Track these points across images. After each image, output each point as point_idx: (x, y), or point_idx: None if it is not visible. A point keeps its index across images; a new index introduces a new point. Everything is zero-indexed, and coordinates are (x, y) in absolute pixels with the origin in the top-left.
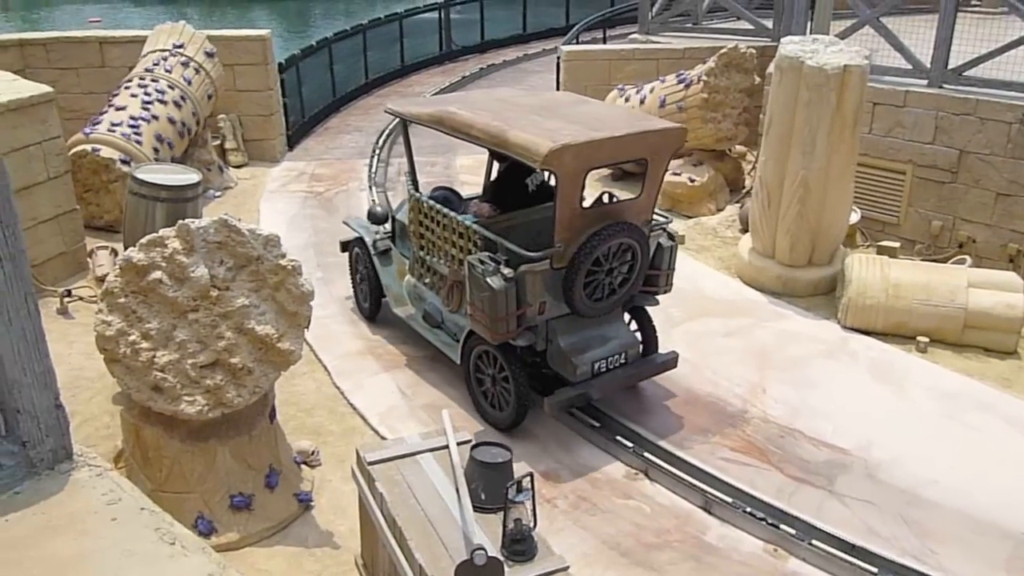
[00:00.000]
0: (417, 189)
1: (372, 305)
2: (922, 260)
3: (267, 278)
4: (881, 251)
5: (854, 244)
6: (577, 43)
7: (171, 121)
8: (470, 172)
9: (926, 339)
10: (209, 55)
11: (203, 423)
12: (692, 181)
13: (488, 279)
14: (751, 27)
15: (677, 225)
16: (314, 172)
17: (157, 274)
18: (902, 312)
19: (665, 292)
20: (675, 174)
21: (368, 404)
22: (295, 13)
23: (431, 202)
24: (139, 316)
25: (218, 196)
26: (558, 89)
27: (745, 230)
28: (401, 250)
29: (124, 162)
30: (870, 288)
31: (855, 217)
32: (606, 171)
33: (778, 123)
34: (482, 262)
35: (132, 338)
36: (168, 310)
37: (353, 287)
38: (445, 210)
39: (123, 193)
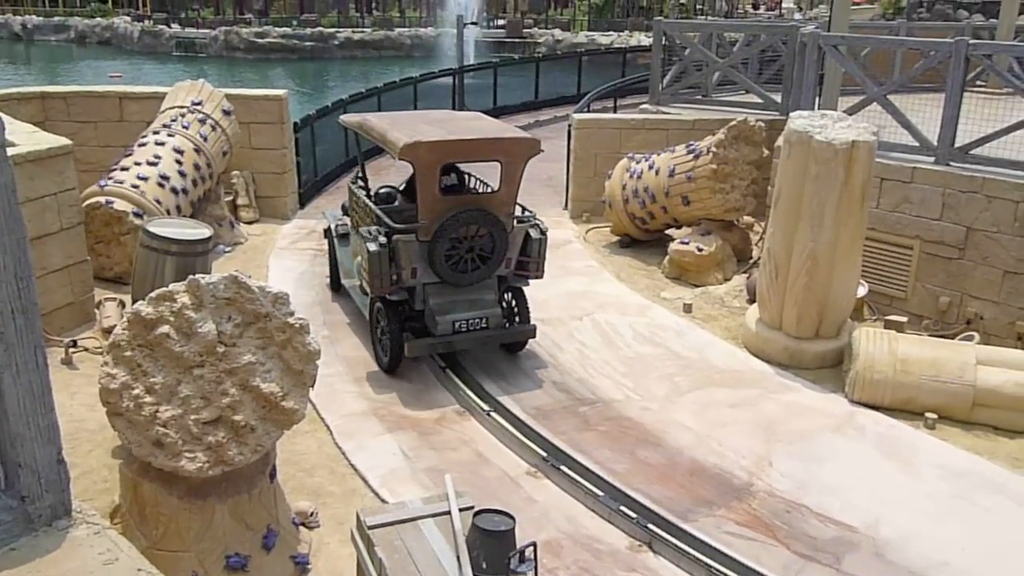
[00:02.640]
0: (354, 182)
1: (334, 280)
2: (930, 336)
3: (274, 336)
4: (888, 325)
5: (861, 318)
6: (588, 111)
7: (184, 176)
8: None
9: (934, 415)
10: (226, 113)
11: (203, 481)
12: (700, 250)
13: (368, 244)
14: (760, 101)
15: (684, 294)
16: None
17: (164, 328)
18: (910, 387)
19: (537, 277)
20: (683, 243)
21: (369, 465)
22: (312, 74)
23: (355, 189)
24: (144, 370)
25: (228, 251)
26: (569, 156)
27: (752, 301)
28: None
29: (137, 215)
30: (878, 362)
31: (862, 291)
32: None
33: (786, 195)
34: (369, 232)
35: (136, 392)
36: (174, 365)
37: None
38: (361, 194)
39: (134, 246)
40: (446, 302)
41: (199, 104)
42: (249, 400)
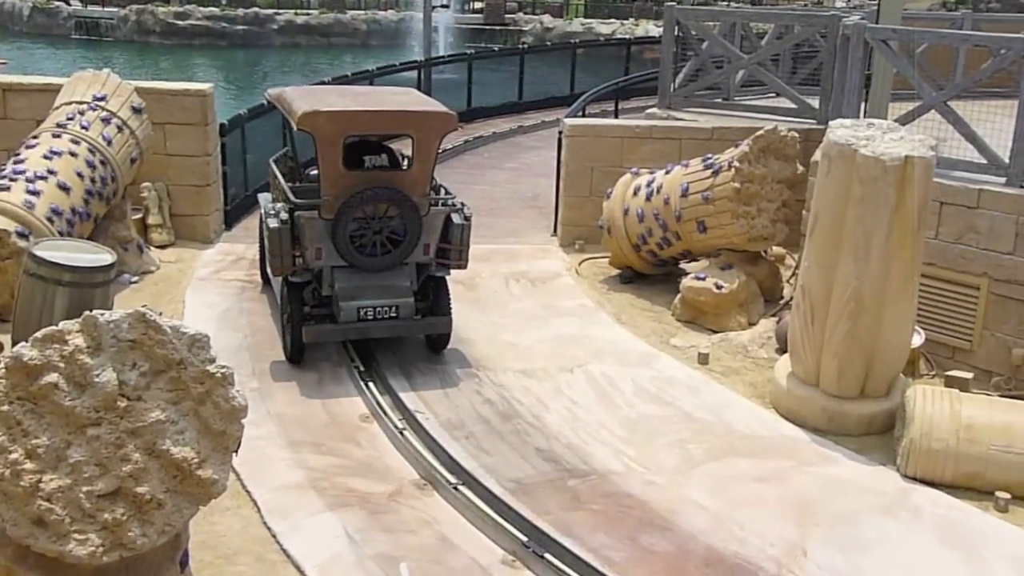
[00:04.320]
0: (278, 160)
1: (263, 270)
2: (1001, 396)
3: (190, 388)
4: (950, 383)
5: (917, 373)
6: (583, 116)
7: (83, 189)
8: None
9: (1007, 495)
10: (136, 111)
11: (96, 569)
12: (719, 288)
13: (268, 220)
14: (793, 106)
15: (699, 341)
16: (256, 257)
17: (52, 377)
18: (976, 460)
19: (459, 267)
20: (698, 278)
21: (306, 551)
22: (244, 65)
23: (273, 164)
24: (24, 429)
25: (135, 282)
26: (558, 170)
27: (783, 350)
28: None
29: (21, 235)
30: (937, 428)
31: (918, 340)
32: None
33: (825, 222)
34: (272, 208)
35: (13, 456)
36: (63, 423)
37: None
38: (275, 170)
39: (17, 273)
40: (353, 287)
41: (102, 99)
42: (156, 468)
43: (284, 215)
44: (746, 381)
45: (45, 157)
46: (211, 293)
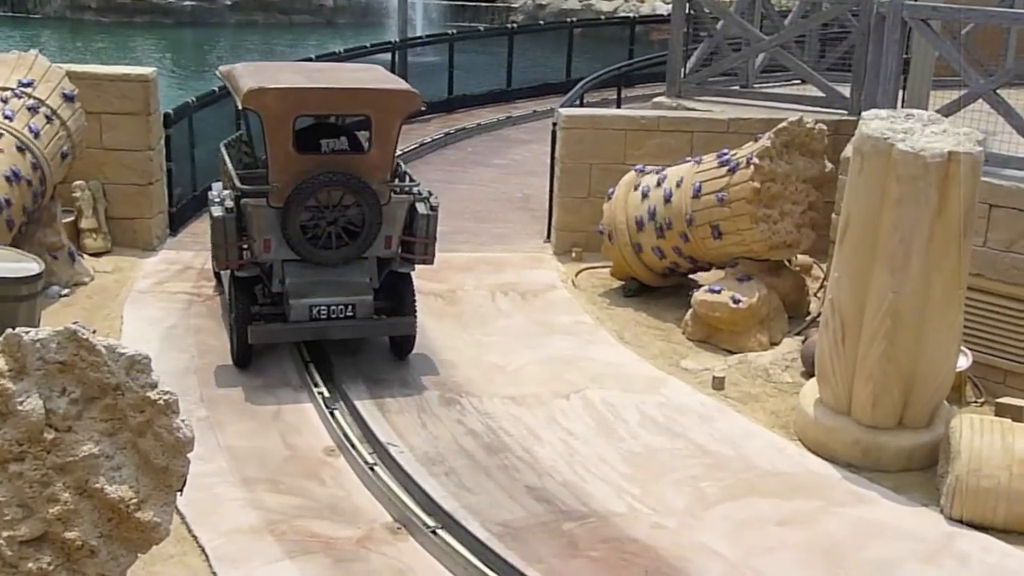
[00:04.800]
0: (230, 144)
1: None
2: None
3: (128, 417)
4: (1001, 411)
5: (963, 400)
6: (581, 105)
7: (8, 186)
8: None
9: None
10: (68, 98)
11: None
12: (736, 302)
13: (212, 208)
14: (821, 95)
15: (714, 363)
16: (205, 266)
17: None
18: None
19: (424, 262)
20: (712, 291)
21: None
22: (193, 46)
23: (222, 149)
24: None
25: (65, 295)
26: (552, 167)
27: (810, 374)
28: None
29: None
30: (987, 464)
31: (964, 362)
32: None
33: (857, 227)
34: (217, 195)
35: None
36: None
37: None
38: (224, 155)
39: None
40: (306, 283)
41: (29, 85)
42: (89, 509)
43: (229, 203)
44: (767, 409)
45: None
46: (153, 308)
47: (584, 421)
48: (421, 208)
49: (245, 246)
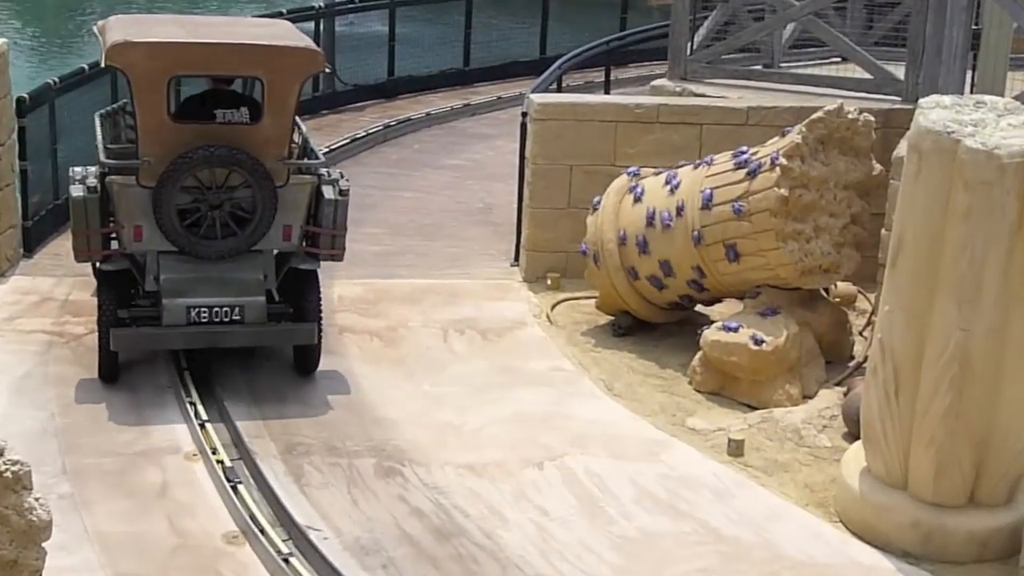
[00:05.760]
0: (107, 115)
1: None
2: None
3: None
4: None
5: None
6: (559, 90)
7: None
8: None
9: None
10: None
11: None
12: (758, 343)
13: (71, 187)
14: (867, 76)
15: (730, 421)
16: (70, 297)
17: None
18: None
19: (332, 258)
20: (727, 328)
21: None
22: (55, 12)
23: (96, 120)
24: None
25: None
26: (522, 170)
27: (855, 436)
28: None
29: None
30: None
31: None
32: None
33: (914, 247)
34: (78, 173)
35: None
36: None
37: None
38: (97, 126)
39: None
40: (184, 280)
41: None
42: None
43: (93, 180)
44: (799, 481)
45: None
46: (1, 352)
47: (563, 497)
48: (328, 192)
49: (112, 234)
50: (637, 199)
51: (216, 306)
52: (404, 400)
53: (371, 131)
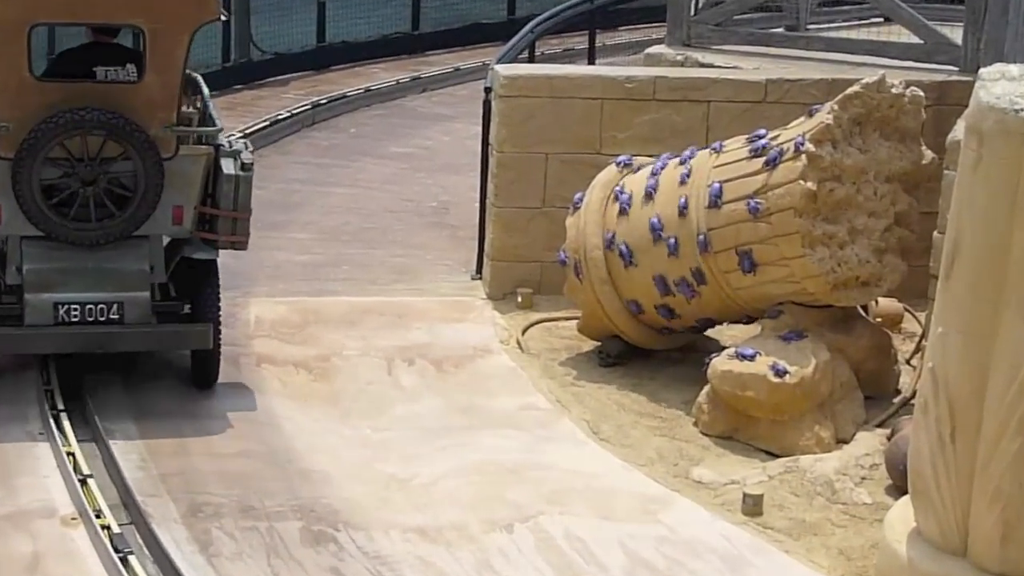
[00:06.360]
0: None
1: None
2: None
3: None
4: None
5: None
6: (531, 60)
7: None
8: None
9: None
10: None
11: None
12: (780, 375)
13: None
14: (916, 41)
15: (744, 471)
16: None
17: None
18: None
19: (235, 246)
20: (741, 356)
21: None
22: None
23: None
24: None
25: None
26: (485, 158)
27: (901, 490)
28: None
29: None
30: None
31: None
32: None
33: (975, 253)
34: None
35: None
36: None
37: None
38: None
39: None
40: (52, 271)
41: None
42: None
43: None
44: (832, 546)
45: None
46: None
47: (537, 568)
48: (227, 166)
49: None
50: (626, 203)
51: (90, 303)
52: (338, 448)
53: (296, 111)
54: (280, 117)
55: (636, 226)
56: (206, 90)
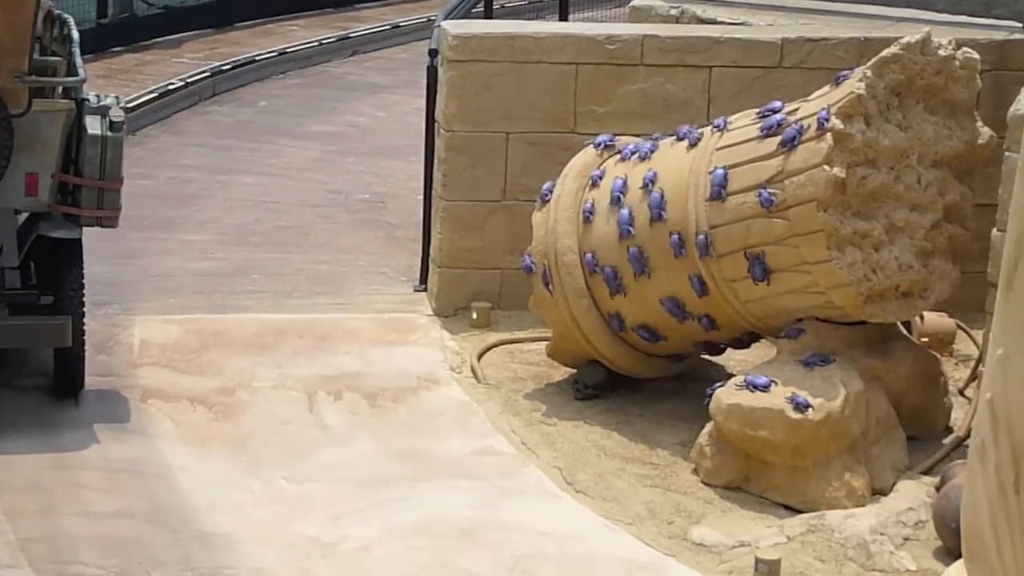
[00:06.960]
0: None
1: None
2: None
3: None
4: None
5: None
6: (489, 16)
7: None
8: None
9: None
10: None
11: None
12: (800, 408)
13: None
14: None
15: (757, 530)
16: None
17: None
18: None
19: (102, 223)
20: (753, 386)
21: None
22: None
23: None
24: None
25: None
26: (431, 139)
27: (955, 553)
28: None
29: None
30: None
31: None
32: None
33: None
34: None
35: None
36: None
37: None
38: None
39: None
40: None
41: None
42: None
43: None
44: None
45: None
46: None
47: None
48: (93, 125)
49: None
50: (611, 195)
51: None
52: (245, 505)
53: (192, 80)
54: (171, 87)
55: None
56: (75, 34)
